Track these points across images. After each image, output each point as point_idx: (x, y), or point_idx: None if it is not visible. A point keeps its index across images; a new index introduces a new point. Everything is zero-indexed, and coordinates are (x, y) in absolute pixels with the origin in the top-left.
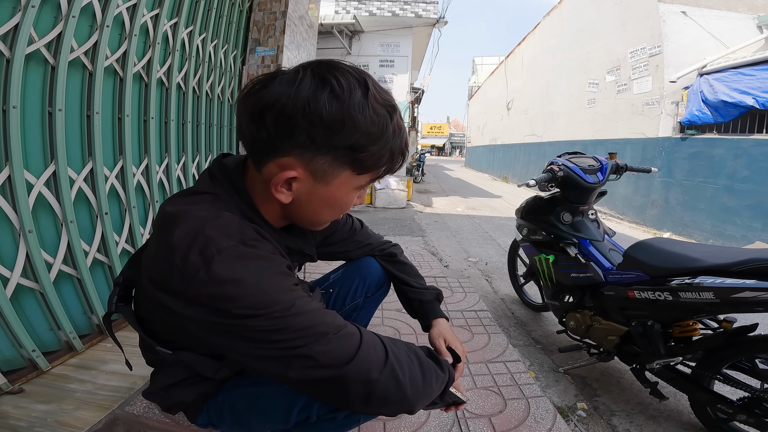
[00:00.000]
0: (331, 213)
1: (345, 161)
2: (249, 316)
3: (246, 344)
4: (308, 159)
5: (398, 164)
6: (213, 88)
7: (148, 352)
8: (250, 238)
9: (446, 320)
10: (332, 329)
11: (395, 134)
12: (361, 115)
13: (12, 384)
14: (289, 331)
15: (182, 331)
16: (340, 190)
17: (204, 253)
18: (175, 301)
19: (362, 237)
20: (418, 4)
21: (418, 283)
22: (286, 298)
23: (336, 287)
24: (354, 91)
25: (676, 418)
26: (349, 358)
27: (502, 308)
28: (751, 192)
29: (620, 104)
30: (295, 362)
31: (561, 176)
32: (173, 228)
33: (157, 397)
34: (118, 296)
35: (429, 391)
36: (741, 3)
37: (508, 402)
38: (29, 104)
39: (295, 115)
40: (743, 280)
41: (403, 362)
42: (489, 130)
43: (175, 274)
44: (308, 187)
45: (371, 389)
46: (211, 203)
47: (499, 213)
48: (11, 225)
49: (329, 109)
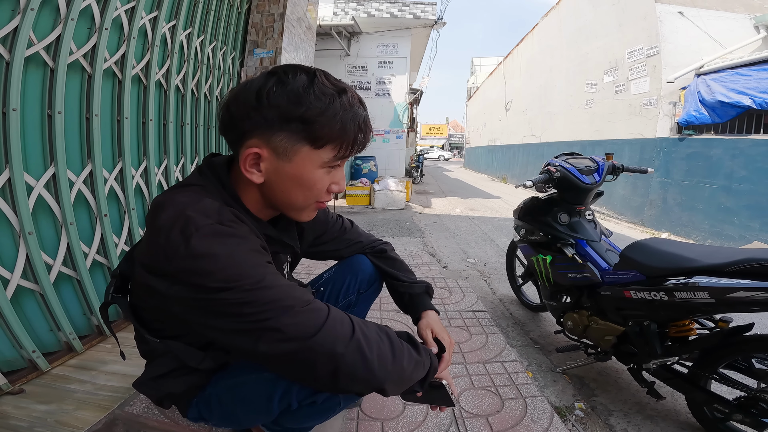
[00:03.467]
0: (302, 194)
1: (300, 136)
2: (222, 289)
3: (219, 320)
4: (268, 137)
5: (356, 138)
6: (211, 90)
7: (141, 342)
8: (228, 219)
9: (436, 313)
10: (299, 303)
11: (345, 109)
12: (305, 92)
13: (12, 384)
14: (258, 304)
15: (169, 316)
16: (304, 167)
17: (184, 230)
18: (161, 282)
19: (352, 235)
20: (416, 5)
21: (408, 277)
22: (256, 273)
23: (328, 285)
24: (299, 77)
25: (674, 417)
26: (315, 331)
27: (500, 308)
28: (748, 192)
29: (618, 105)
30: (264, 335)
31: (558, 177)
32: (159, 213)
33: (146, 387)
34: (115, 287)
35: (399, 370)
36: (738, 3)
37: (505, 402)
38: (29, 107)
39: (248, 100)
40: (738, 279)
41: (371, 339)
42: (488, 131)
43: (161, 253)
44: (274, 165)
45: (337, 364)
46: (196, 193)
47: (498, 214)
48: (11, 227)
49: (276, 90)
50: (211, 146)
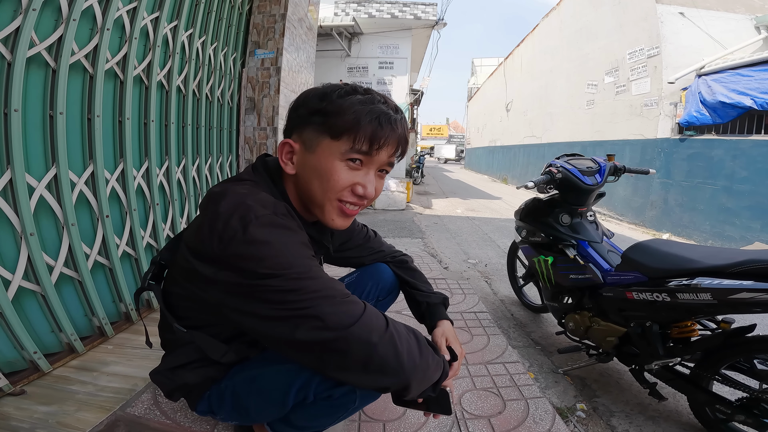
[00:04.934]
0: (320, 185)
1: (321, 128)
2: (270, 275)
3: (261, 305)
4: (300, 132)
5: (372, 132)
6: (213, 90)
7: (165, 332)
8: (281, 212)
9: (450, 323)
10: (340, 294)
11: (363, 103)
12: (331, 92)
13: (13, 385)
14: (302, 293)
15: (201, 304)
16: (324, 157)
17: (243, 218)
18: (208, 267)
19: (375, 245)
20: (417, 6)
21: (427, 288)
22: (304, 263)
23: (350, 289)
24: (338, 89)
25: (675, 418)
26: (354, 320)
27: (502, 310)
28: (749, 193)
29: (619, 105)
30: (304, 323)
31: (559, 178)
32: (220, 201)
33: (162, 377)
34: (153, 274)
35: (425, 367)
36: (738, 4)
37: (507, 403)
38: (30, 107)
39: (297, 106)
40: (740, 281)
41: (401, 334)
42: (488, 132)
43: (215, 238)
44: (302, 157)
45: (371, 353)
46: (251, 187)
47: (499, 214)
48: (13, 228)
49: (313, 96)
50: (212, 147)
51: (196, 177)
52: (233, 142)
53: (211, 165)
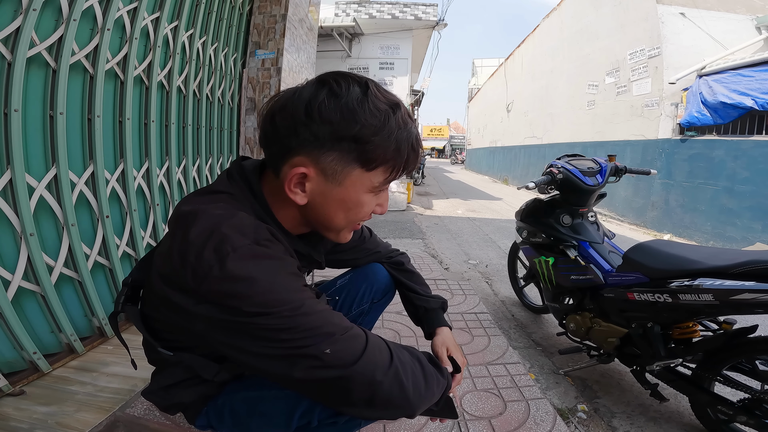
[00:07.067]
0: (346, 217)
1: (351, 157)
2: (259, 314)
3: (253, 343)
4: (316, 156)
5: (408, 159)
6: (213, 91)
7: (150, 351)
8: (264, 238)
9: (449, 329)
10: (339, 330)
11: (400, 127)
12: (359, 108)
13: (13, 386)
14: (297, 331)
15: (187, 330)
16: (353, 190)
17: (219, 250)
18: (185, 299)
19: (371, 245)
20: (417, 6)
21: (425, 291)
22: (296, 298)
23: (343, 293)
24: (352, 89)
25: (677, 419)
26: (355, 358)
27: (503, 310)
28: (751, 193)
29: (620, 106)
30: (301, 362)
31: (560, 179)
32: (190, 226)
33: (156, 396)
34: (126, 296)
35: (430, 395)
36: (739, 4)
37: (508, 404)
38: (30, 107)
39: (297, 112)
40: (742, 281)
41: (406, 366)
42: (489, 132)
43: (188, 271)
44: (321, 187)
45: (375, 391)
46: (227, 203)
47: (500, 215)
48: (13, 228)
49: (327, 104)
50: (213, 147)
51: (196, 177)
52: (234, 143)
53: (211, 165)
